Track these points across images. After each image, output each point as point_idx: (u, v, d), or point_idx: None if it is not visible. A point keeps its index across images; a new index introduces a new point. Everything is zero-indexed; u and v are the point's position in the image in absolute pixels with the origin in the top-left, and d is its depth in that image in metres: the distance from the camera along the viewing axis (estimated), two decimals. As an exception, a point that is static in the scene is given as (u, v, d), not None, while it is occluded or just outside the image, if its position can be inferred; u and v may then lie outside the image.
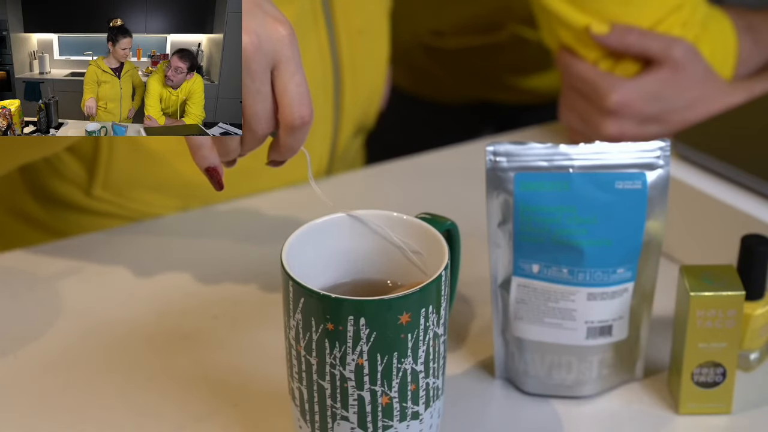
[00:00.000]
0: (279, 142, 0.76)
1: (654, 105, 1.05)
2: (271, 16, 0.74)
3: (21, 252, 0.99)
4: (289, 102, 0.74)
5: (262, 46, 0.72)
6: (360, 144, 1.21)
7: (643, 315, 0.82)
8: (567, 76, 1.10)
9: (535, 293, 0.80)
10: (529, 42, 1.35)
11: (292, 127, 0.75)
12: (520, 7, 1.27)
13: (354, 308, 0.69)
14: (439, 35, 1.40)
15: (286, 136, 0.75)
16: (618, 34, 1.05)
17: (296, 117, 0.74)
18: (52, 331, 0.90)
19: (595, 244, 0.78)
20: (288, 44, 0.73)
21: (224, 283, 0.95)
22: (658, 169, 0.78)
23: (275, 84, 0.74)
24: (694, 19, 1.06)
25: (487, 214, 0.80)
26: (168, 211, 1.05)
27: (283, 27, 0.73)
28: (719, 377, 0.81)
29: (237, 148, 0.76)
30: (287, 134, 0.75)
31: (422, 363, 0.71)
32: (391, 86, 1.28)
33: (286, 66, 0.73)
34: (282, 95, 0.74)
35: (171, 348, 0.88)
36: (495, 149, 0.79)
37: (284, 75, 0.74)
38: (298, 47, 0.74)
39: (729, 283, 0.79)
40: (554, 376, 0.83)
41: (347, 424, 0.72)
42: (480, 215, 0.83)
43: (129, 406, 0.83)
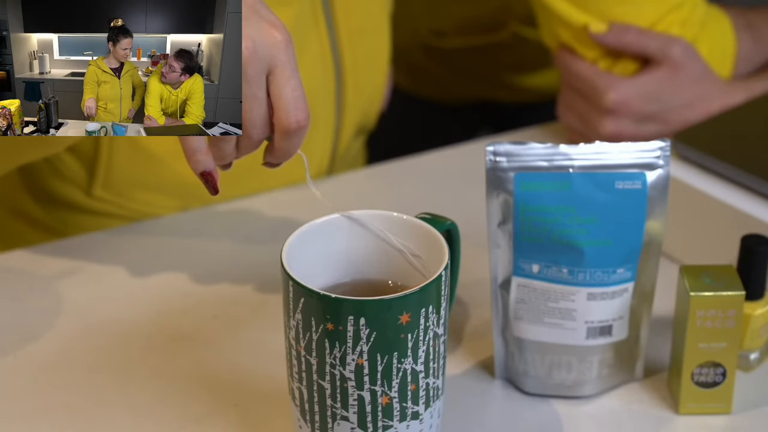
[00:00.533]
0: (274, 146, 0.76)
1: (652, 104, 1.05)
2: (267, 21, 0.74)
3: (21, 252, 0.99)
4: (285, 106, 0.74)
5: (258, 51, 0.72)
6: (361, 144, 1.21)
7: (643, 315, 0.82)
8: (566, 75, 1.10)
9: (535, 293, 0.80)
10: (530, 41, 1.35)
11: (288, 132, 0.75)
12: (520, 7, 1.27)
13: (354, 308, 0.69)
14: (440, 35, 1.40)
15: (281, 141, 0.75)
16: (616, 32, 1.05)
17: (292, 121, 0.74)
18: (52, 331, 0.90)
19: (595, 244, 0.78)
20: (283, 49, 0.73)
21: (224, 283, 0.95)
22: (658, 169, 0.78)
23: (271, 89, 0.74)
24: (693, 18, 1.06)
25: (487, 214, 0.80)
26: (168, 211, 1.05)
27: (279, 32, 0.74)
28: (719, 377, 0.81)
29: (233, 152, 0.76)
30: (283, 138, 0.75)
31: (422, 363, 0.71)
32: (392, 86, 1.28)
33: (281, 71, 0.74)
34: (277, 100, 0.74)
35: (171, 348, 0.88)
36: (495, 149, 0.79)
37: (280, 80, 0.74)
38: (293, 52, 0.74)
39: (729, 283, 0.79)
40: (554, 376, 0.83)
41: (347, 424, 0.72)
42: (480, 215, 0.83)
43: (129, 406, 0.83)
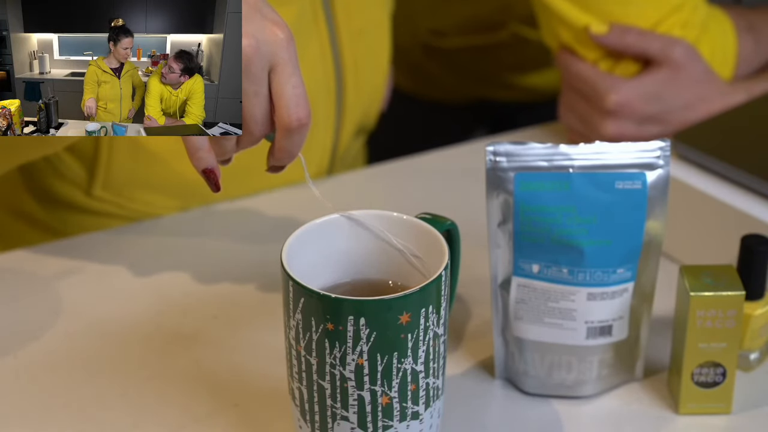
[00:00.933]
0: (276, 146, 0.76)
1: (653, 105, 1.05)
2: (269, 20, 0.74)
3: (21, 252, 0.99)
4: (286, 104, 0.74)
5: (260, 49, 0.73)
6: (361, 144, 1.21)
7: (643, 315, 0.82)
8: (567, 76, 1.10)
9: (535, 293, 0.80)
10: (530, 41, 1.35)
11: (290, 129, 0.75)
12: (520, 7, 1.27)
13: (354, 308, 0.69)
14: (440, 35, 1.40)
15: (283, 139, 0.75)
16: (617, 34, 1.05)
17: (293, 119, 0.74)
18: (52, 331, 0.90)
19: (595, 244, 0.78)
20: (285, 47, 0.74)
21: (224, 283, 0.95)
22: (658, 169, 0.78)
23: (272, 86, 0.74)
24: (695, 19, 1.06)
25: (487, 214, 0.80)
26: (168, 211, 1.05)
27: (281, 30, 0.74)
28: (719, 377, 0.81)
29: (233, 148, 0.77)
30: (284, 137, 0.75)
31: (422, 363, 0.71)
32: (392, 86, 1.28)
33: (283, 68, 0.74)
34: (279, 97, 0.74)
35: (171, 348, 0.88)
36: (495, 149, 0.79)
37: (281, 77, 0.74)
38: (295, 50, 0.74)
39: (729, 283, 0.79)
40: (554, 376, 0.83)
41: (347, 424, 0.72)
42: (480, 215, 0.83)
43: (129, 406, 0.83)
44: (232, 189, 1.06)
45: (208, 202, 1.06)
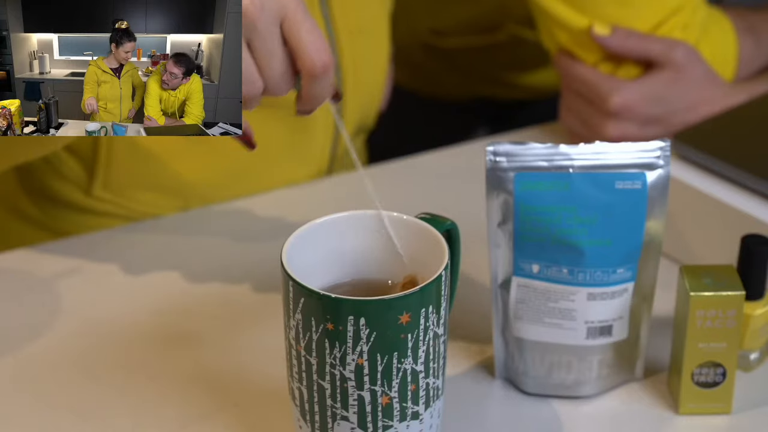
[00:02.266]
0: (304, 93, 0.74)
1: (655, 107, 1.05)
2: None
3: (21, 252, 0.99)
4: (305, 50, 0.72)
5: (265, 4, 0.71)
6: (361, 143, 1.21)
7: (643, 315, 0.82)
8: (567, 79, 1.09)
9: (535, 293, 0.80)
10: (528, 42, 1.35)
11: (314, 75, 0.73)
12: (518, 8, 1.27)
13: (354, 308, 0.69)
14: (439, 35, 1.40)
15: (309, 86, 0.74)
16: (619, 37, 1.05)
17: (317, 65, 0.72)
18: (52, 331, 0.90)
19: (595, 244, 0.78)
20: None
21: (224, 283, 0.95)
22: (658, 169, 0.78)
23: (287, 37, 0.72)
24: (694, 21, 1.06)
25: (487, 214, 0.80)
26: (168, 211, 1.05)
27: None
28: (719, 377, 0.81)
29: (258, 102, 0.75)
30: (310, 83, 0.73)
31: (422, 363, 0.71)
32: (392, 86, 1.28)
33: (293, 16, 0.72)
34: (296, 46, 0.72)
35: (171, 348, 0.88)
36: (495, 149, 0.79)
37: (294, 26, 0.72)
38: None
39: (729, 283, 0.79)
40: (554, 376, 0.83)
41: (347, 424, 0.72)
42: (480, 215, 0.83)
43: (129, 406, 0.83)
44: (233, 189, 1.06)
45: (208, 202, 1.06)
